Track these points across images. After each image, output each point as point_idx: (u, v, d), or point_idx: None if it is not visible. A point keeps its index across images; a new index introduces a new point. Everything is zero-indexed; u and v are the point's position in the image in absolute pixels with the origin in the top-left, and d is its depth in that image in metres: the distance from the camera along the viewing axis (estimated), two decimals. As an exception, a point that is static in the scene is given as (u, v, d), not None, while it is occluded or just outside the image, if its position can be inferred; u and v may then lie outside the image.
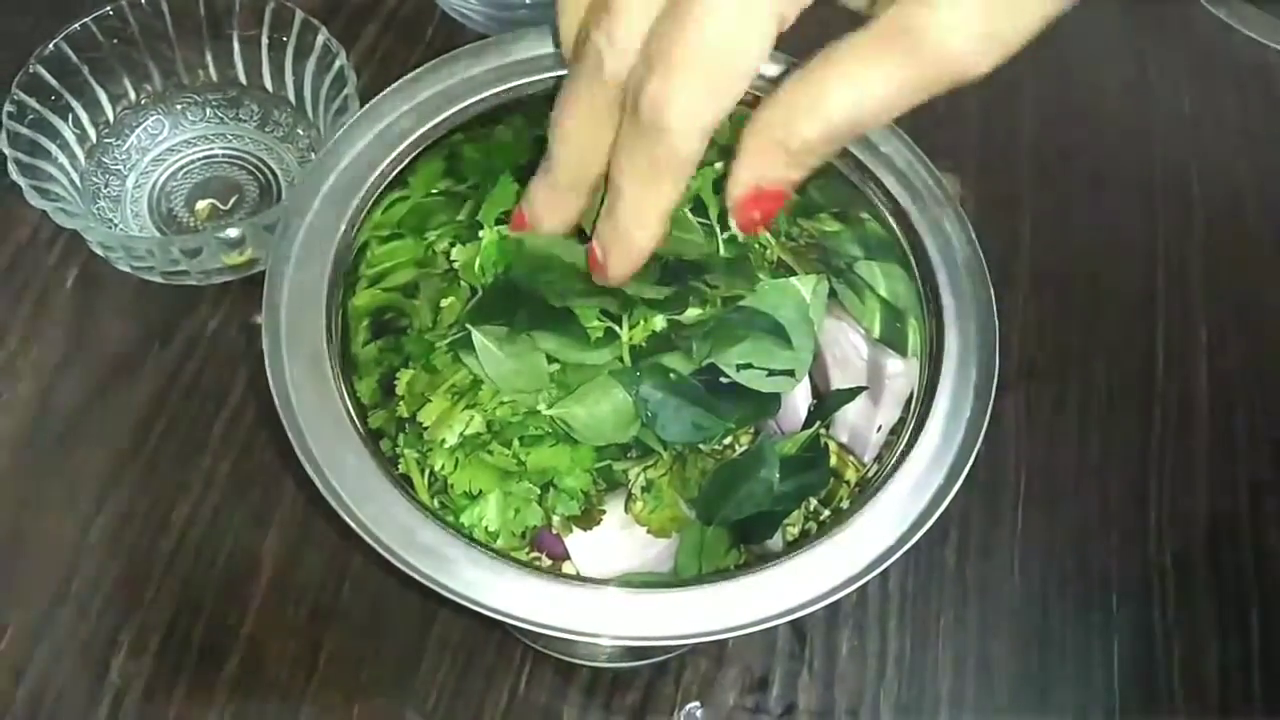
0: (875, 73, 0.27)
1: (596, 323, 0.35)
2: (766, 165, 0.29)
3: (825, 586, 0.32)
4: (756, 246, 0.40)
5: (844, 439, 0.40)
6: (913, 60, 0.27)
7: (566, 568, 0.39)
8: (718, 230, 0.38)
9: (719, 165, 0.40)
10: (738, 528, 0.37)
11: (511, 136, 0.40)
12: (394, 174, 0.38)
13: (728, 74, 0.28)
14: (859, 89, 0.28)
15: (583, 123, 0.31)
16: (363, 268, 0.37)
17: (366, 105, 0.38)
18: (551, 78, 0.39)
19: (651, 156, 0.29)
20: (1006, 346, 0.56)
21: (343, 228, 0.35)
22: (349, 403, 0.32)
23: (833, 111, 0.28)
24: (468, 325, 0.36)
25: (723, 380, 0.36)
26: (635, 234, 0.31)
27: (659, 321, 0.35)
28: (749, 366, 0.36)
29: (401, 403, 0.38)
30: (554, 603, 0.31)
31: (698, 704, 0.47)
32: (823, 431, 0.39)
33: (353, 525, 0.30)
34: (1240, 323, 0.58)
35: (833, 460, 0.39)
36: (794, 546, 0.33)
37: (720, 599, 0.32)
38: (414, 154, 0.38)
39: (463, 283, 0.40)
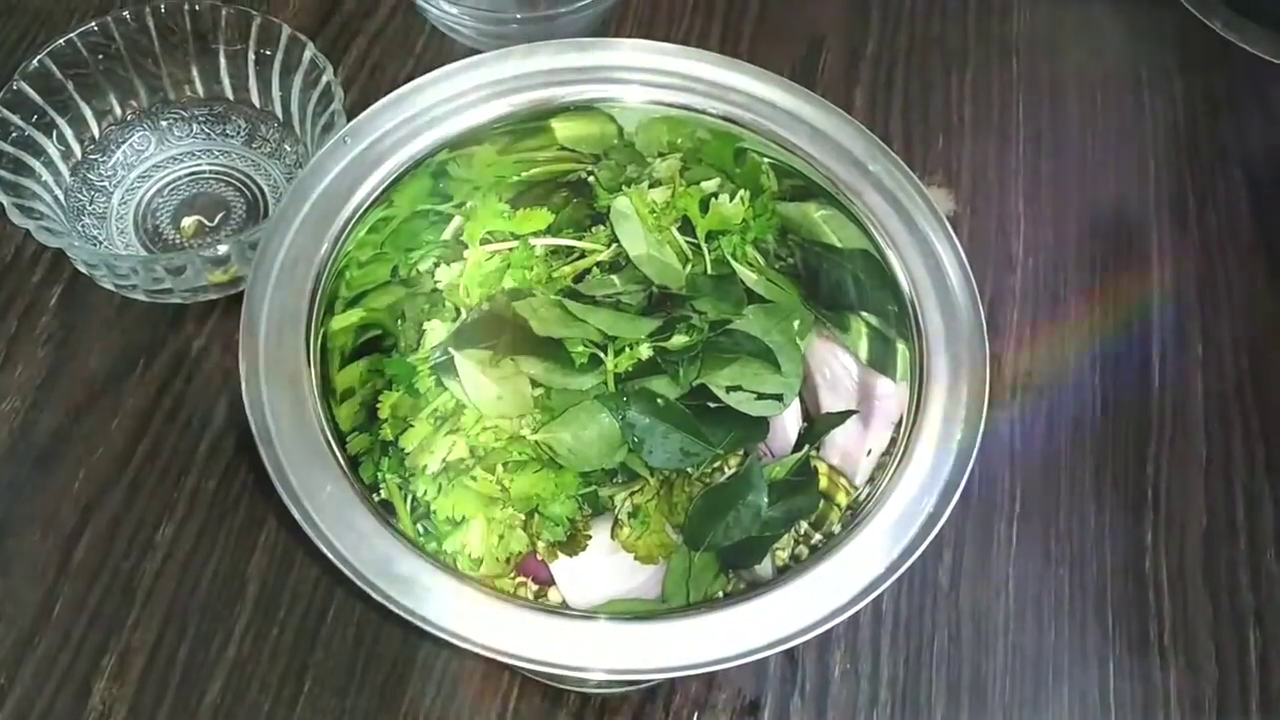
0: None
1: (581, 348, 0.35)
2: None
3: (817, 615, 0.31)
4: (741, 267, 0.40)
5: (835, 461, 0.39)
6: None
7: (552, 594, 0.39)
8: (705, 250, 0.38)
9: (706, 184, 0.40)
10: (726, 553, 0.36)
11: (498, 155, 0.40)
12: (377, 193, 0.37)
13: None
14: None
15: None
16: (344, 288, 0.36)
17: (350, 123, 0.38)
18: (539, 96, 0.38)
19: None
20: (999, 362, 0.55)
21: (324, 247, 0.35)
22: (328, 429, 0.32)
23: None
24: (451, 349, 0.35)
25: (710, 405, 0.35)
26: None
27: (644, 350, 0.35)
28: (738, 389, 0.36)
29: (385, 426, 0.37)
30: (537, 635, 0.30)
31: (692, 724, 0.46)
32: (813, 454, 0.39)
33: (330, 556, 0.30)
34: (1236, 337, 0.57)
35: (823, 483, 0.38)
36: (784, 571, 0.33)
37: (709, 629, 0.31)
38: (398, 173, 0.38)
39: (447, 304, 0.39)
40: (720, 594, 0.37)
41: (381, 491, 0.36)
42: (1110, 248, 0.60)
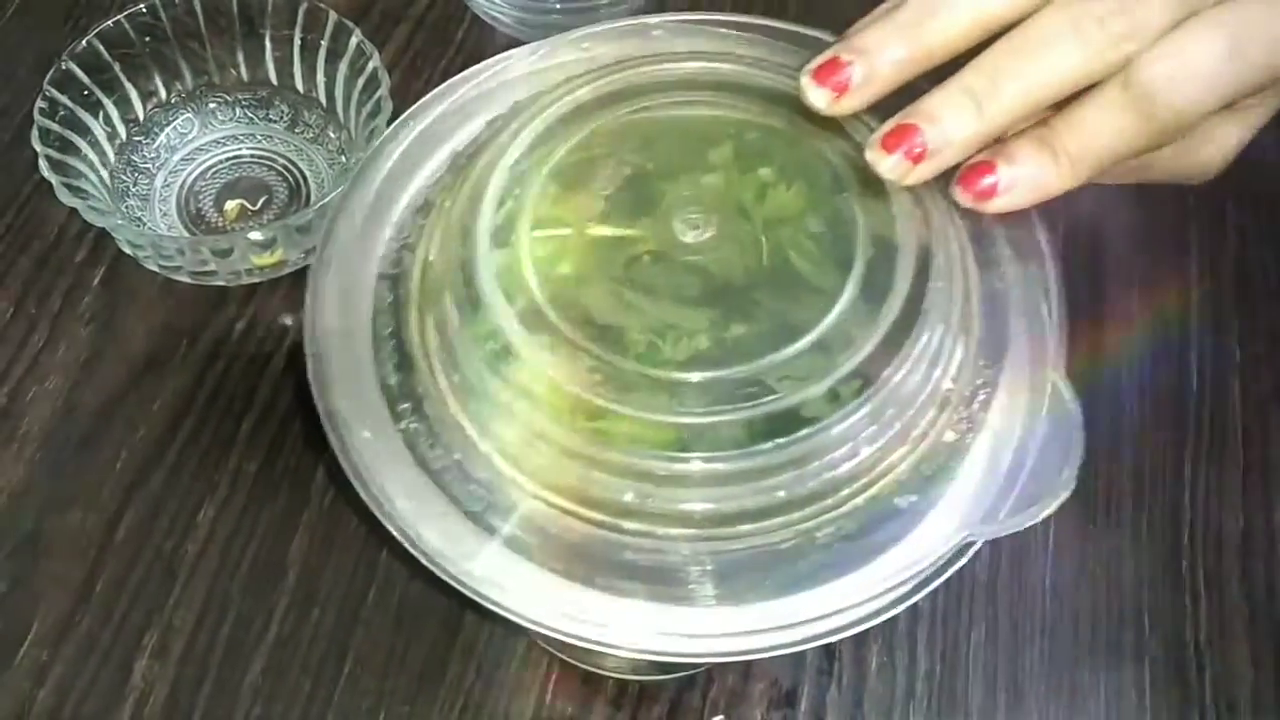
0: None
1: (638, 336, 0.35)
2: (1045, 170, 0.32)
3: (871, 605, 0.31)
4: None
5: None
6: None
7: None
8: (762, 239, 0.38)
9: (763, 172, 0.40)
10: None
11: (552, 140, 0.40)
12: (436, 177, 0.37)
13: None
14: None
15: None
16: (407, 271, 0.36)
17: (411, 107, 0.38)
18: (600, 80, 0.39)
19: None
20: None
21: (388, 231, 0.35)
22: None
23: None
24: (508, 334, 0.35)
25: (768, 395, 0.35)
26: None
27: (703, 340, 0.35)
28: (796, 379, 0.36)
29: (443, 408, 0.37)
30: (597, 615, 0.31)
31: (722, 718, 0.46)
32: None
33: (408, 545, 0.30)
34: (1274, 339, 0.57)
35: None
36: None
37: (758, 615, 0.31)
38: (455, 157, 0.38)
39: (501, 287, 0.40)
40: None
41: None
42: (1146, 247, 0.60)
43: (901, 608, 0.31)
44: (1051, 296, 0.35)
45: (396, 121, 0.37)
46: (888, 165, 0.33)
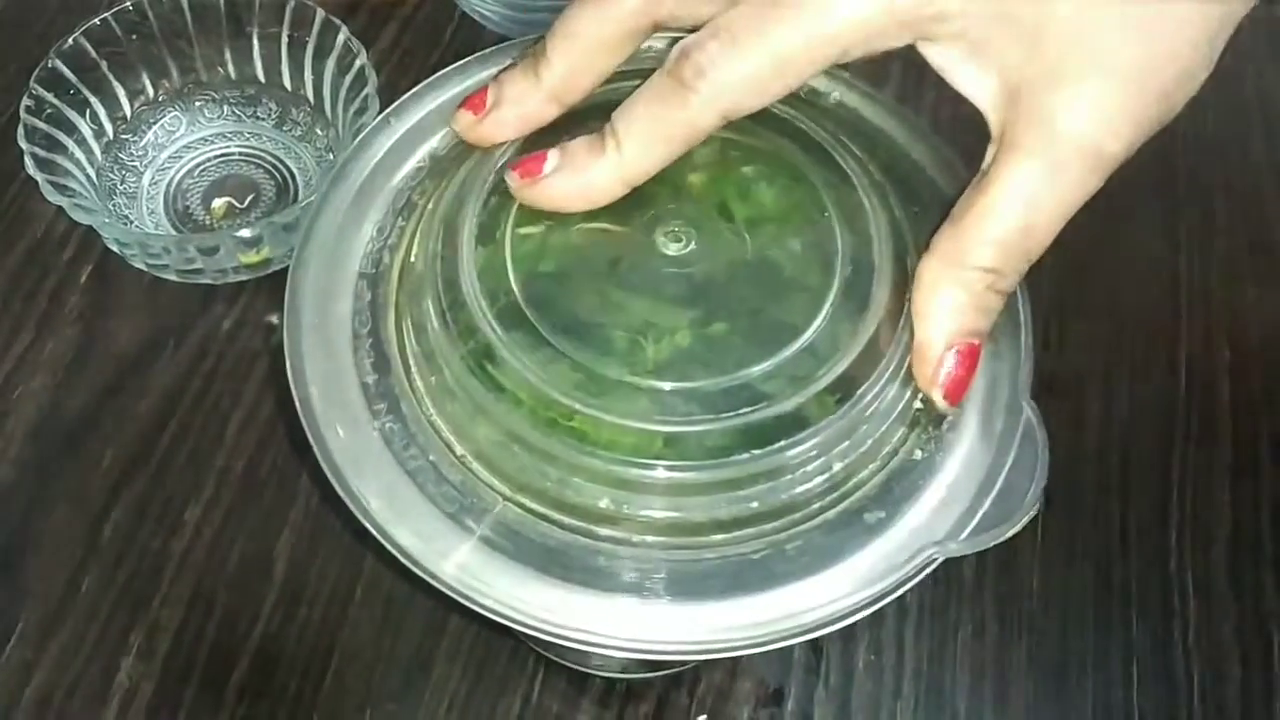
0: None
1: (621, 334, 0.35)
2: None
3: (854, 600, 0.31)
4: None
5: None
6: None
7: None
8: (746, 237, 0.38)
9: (746, 170, 0.40)
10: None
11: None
12: (420, 174, 0.37)
13: (782, 76, 0.30)
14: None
15: (602, 39, 0.32)
16: (386, 271, 0.36)
17: (391, 106, 0.38)
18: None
19: (668, 116, 0.31)
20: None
21: (368, 231, 0.35)
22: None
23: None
24: (489, 331, 0.35)
25: (752, 395, 0.35)
26: (601, 179, 0.33)
27: (685, 337, 0.35)
28: (780, 378, 0.36)
29: (419, 405, 0.37)
30: (571, 610, 0.31)
31: (704, 718, 0.46)
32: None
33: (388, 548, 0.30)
34: (1263, 341, 0.57)
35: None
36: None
37: (740, 610, 0.31)
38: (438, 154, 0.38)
39: (482, 286, 0.39)
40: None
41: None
42: (1136, 249, 0.60)
43: (855, 618, 0.31)
44: (1022, 323, 0.35)
45: (376, 119, 0.37)
46: (459, 125, 0.34)
